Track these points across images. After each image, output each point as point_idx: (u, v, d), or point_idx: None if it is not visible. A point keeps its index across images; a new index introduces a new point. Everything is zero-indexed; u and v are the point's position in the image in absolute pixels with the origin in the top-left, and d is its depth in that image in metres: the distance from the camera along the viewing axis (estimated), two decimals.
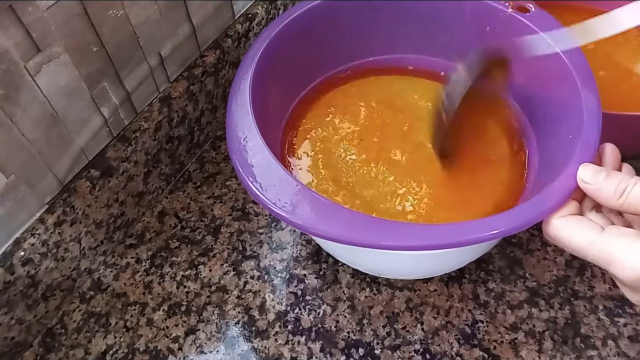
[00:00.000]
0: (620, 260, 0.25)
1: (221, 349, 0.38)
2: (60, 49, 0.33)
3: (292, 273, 0.42)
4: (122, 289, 0.42)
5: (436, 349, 0.38)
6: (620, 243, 0.26)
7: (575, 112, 0.33)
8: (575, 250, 0.28)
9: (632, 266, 0.25)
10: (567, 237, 0.28)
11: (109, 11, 0.36)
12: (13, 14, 0.30)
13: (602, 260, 0.26)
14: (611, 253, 0.26)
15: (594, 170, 0.29)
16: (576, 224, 0.28)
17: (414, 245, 0.28)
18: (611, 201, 0.27)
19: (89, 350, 0.38)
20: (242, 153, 0.32)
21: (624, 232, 0.26)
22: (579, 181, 0.29)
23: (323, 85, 0.45)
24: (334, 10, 0.42)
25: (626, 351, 0.37)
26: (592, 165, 0.29)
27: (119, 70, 0.39)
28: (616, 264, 0.26)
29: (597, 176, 0.28)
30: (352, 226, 0.29)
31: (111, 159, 0.40)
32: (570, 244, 0.28)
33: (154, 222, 0.46)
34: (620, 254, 0.25)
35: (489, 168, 0.39)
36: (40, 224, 0.36)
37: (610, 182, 0.27)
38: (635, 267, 0.25)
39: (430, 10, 0.43)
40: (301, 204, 0.29)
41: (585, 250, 0.27)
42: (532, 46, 0.35)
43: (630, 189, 0.26)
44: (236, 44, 0.49)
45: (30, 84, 0.33)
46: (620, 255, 0.25)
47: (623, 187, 0.27)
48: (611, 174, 0.28)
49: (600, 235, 0.27)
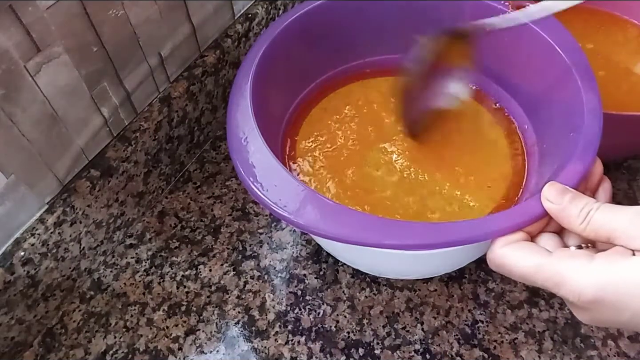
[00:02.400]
0: (570, 282, 0.25)
1: (221, 349, 0.38)
2: (60, 49, 0.33)
3: (292, 273, 0.42)
4: (122, 289, 0.42)
5: (436, 349, 0.38)
6: (571, 265, 0.25)
7: (576, 110, 0.33)
8: (523, 276, 0.26)
9: (583, 287, 0.24)
10: (512, 264, 0.27)
11: (109, 11, 0.36)
12: (13, 14, 0.30)
13: (552, 283, 0.25)
14: (561, 274, 0.25)
15: (560, 191, 0.27)
16: (522, 250, 0.27)
17: (415, 244, 0.28)
18: (574, 225, 0.26)
19: (89, 350, 0.38)
20: (243, 153, 0.32)
21: (573, 253, 0.26)
22: (543, 200, 0.28)
23: (323, 86, 0.45)
24: (335, 11, 0.42)
25: (626, 351, 0.37)
26: (558, 184, 0.28)
27: (119, 70, 0.39)
28: (566, 285, 0.25)
29: (563, 197, 0.27)
30: (353, 225, 0.29)
31: (111, 159, 0.40)
32: (517, 270, 0.27)
33: (154, 222, 0.46)
34: (570, 276, 0.25)
35: (489, 167, 0.39)
36: (40, 224, 0.36)
37: (574, 205, 0.26)
38: (586, 289, 0.24)
39: (430, 11, 0.43)
40: (302, 203, 0.29)
41: (533, 275, 0.26)
42: (494, 23, 0.36)
43: (592, 214, 0.26)
44: (236, 44, 0.49)
45: (30, 84, 0.33)
46: (570, 277, 0.25)
47: (587, 211, 0.26)
48: (577, 196, 0.27)
49: (548, 258, 0.26)
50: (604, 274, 0.24)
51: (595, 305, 0.24)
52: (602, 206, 0.26)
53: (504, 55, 0.42)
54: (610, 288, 0.24)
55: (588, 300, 0.24)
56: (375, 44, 0.46)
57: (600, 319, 0.25)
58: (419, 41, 0.36)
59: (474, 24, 0.36)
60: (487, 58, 0.43)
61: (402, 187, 0.38)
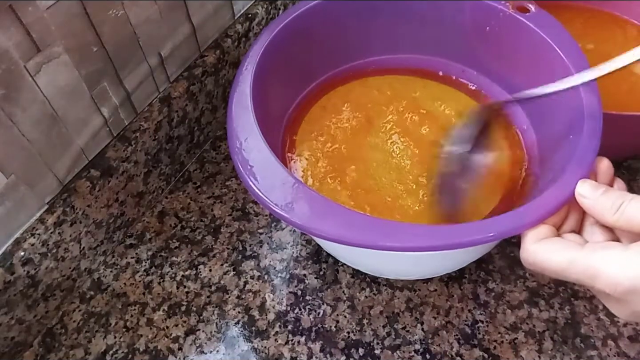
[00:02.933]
0: (606, 273, 0.24)
1: (221, 349, 0.38)
2: (60, 49, 0.33)
3: (292, 273, 0.42)
4: (122, 289, 0.42)
5: (436, 349, 0.38)
6: (605, 255, 0.25)
7: (576, 110, 0.33)
8: (556, 272, 0.27)
9: (621, 277, 0.24)
10: (545, 259, 0.27)
11: (109, 11, 0.36)
12: (13, 14, 0.30)
13: (586, 277, 0.25)
14: (596, 267, 0.25)
15: (593, 186, 0.28)
16: (553, 245, 0.27)
17: (414, 246, 0.28)
18: (607, 216, 0.27)
19: (89, 350, 0.38)
20: (244, 154, 0.32)
21: (607, 245, 0.26)
22: (577, 195, 0.29)
23: (323, 85, 0.45)
24: (334, 10, 0.42)
25: (626, 351, 0.37)
26: (590, 180, 0.29)
27: (119, 70, 0.39)
28: (602, 277, 0.25)
29: (595, 191, 0.28)
30: (354, 227, 0.29)
31: (111, 159, 0.40)
32: (550, 266, 0.27)
33: (154, 222, 0.46)
34: (605, 267, 0.25)
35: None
36: (40, 224, 0.36)
37: (607, 198, 0.27)
38: (623, 278, 0.24)
39: (430, 11, 0.43)
40: (304, 205, 0.29)
41: (566, 270, 0.26)
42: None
43: (625, 205, 0.26)
44: (236, 44, 0.49)
45: (30, 84, 0.32)
46: (606, 268, 0.25)
47: (619, 202, 0.26)
48: (609, 190, 0.28)
49: (581, 252, 0.26)
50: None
51: (633, 296, 0.24)
52: (636, 197, 0.26)
53: (504, 56, 0.42)
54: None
55: (625, 291, 0.24)
56: (375, 43, 0.46)
57: (637, 310, 0.25)
58: (465, 117, 0.34)
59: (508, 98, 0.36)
60: (487, 58, 0.43)
61: (402, 187, 0.38)
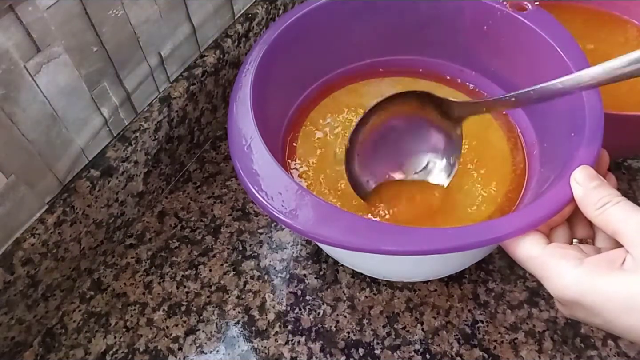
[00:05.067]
0: (555, 280, 0.26)
1: (221, 349, 0.38)
2: (60, 49, 0.33)
3: (292, 273, 0.42)
4: (122, 289, 0.42)
5: (436, 349, 0.38)
6: (560, 264, 0.26)
7: (577, 110, 0.33)
8: (519, 262, 0.29)
9: (566, 291, 0.26)
10: (512, 248, 0.29)
11: (109, 11, 0.36)
12: (13, 14, 0.30)
13: (539, 276, 0.28)
14: (549, 271, 0.27)
15: (589, 175, 0.28)
16: (526, 237, 0.28)
17: (416, 250, 0.28)
18: (590, 210, 0.27)
19: (89, 350, 0.38)
20: (245, 160, 0.31)
21: (565, 254, 0.27)
22: (572, 180, 0.29)
23: (324, 88, 0.45)
24: (335, 12, 0.42)
25: (626, 351, 0.37)
26: (591, 170, 0.29)
27: (119, 70, 0.39)
28: (550, 284, 0.27)
29: (590, 182, 0.28)
30: (355, 231, 0.28)
31: (111, 159, 0.40)
32: (515, 255, 0.29)
33: (154, 222, 0.46)
34: (556, 274, 0.26)
35: (489, 168, 0.39)
36: (40, 224, 0.36)
37: (597, 192, 0.27)
38: (567, 289, 0.26)
39: (428, 11, 0.43)
40: (307, 211, 0.29)
41: (524, 263, 0.28)
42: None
43: (609, 206, 0.27)
44: (236, 44, 0.49)
45: (30, 84, 0.33)
46: (556, 275, 0.26)
47: (605, 201, 0.27)
48: (602, 185, 0.28)
49: (541, 251, 0.27)
50: (586, 282, 0.25)
51: (574, 305, 0.26)
52: (622, 202, 0.27)
53: (504, 55, 0.42)
54: (588, 296, 0.25)
55: (569, 301, 0.26)
56: (376, 45, 0.45)
57: (576, 316, 0.27)
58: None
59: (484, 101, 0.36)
60: (486, 58, 0.43)
61: (403, 191, 0.38)
